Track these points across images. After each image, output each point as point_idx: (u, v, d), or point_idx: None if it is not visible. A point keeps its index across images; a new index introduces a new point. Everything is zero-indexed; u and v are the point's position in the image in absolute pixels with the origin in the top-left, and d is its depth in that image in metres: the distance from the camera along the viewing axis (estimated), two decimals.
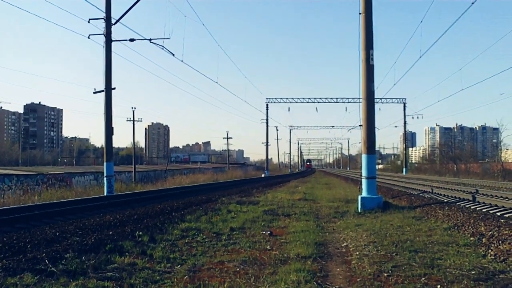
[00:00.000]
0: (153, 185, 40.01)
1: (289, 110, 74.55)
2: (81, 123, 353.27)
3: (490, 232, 8.78)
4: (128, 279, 6.00)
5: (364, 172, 14.89)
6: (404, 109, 71.93)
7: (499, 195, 17.38)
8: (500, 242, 7.84)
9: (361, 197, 14.38)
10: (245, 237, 9.35)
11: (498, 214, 12.15)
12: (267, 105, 70.59)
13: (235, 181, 42.46)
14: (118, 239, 8.74)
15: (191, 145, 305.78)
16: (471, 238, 8.68)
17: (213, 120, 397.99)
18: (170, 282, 5.96)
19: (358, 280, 6.05)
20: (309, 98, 68.48)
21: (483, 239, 8.37)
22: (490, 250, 7.44)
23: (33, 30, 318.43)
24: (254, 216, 12.59)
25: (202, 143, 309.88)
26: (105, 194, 22.83)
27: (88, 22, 23.40)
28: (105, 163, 24.01)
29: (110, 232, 9.58)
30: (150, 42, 24.78)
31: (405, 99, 71.00)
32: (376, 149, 16.21)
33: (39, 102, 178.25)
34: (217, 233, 9.79)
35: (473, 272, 6.14)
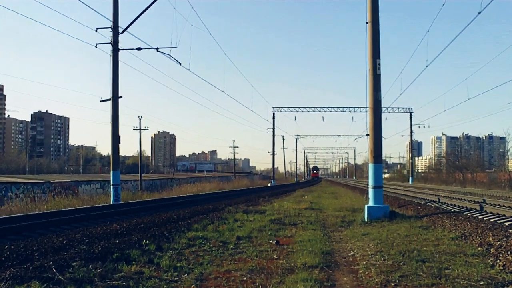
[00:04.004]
0: (159, 193, 40.07)
1: (295, 119, 74.72)
2: (88, 132, 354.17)
3: (499, 242, 8.73)
4: None
5: (370, 181, 14.84)
6: (411, 118, 71.98)
7: (507, 205, 17.28)
8: (509, 252, 7.78)
9: (367, 206, 14.33)
10: (252, 246, 9.34)
11: (506, 224, 12.08)
12: (273, 114, 70.78)
13: (241, 190, 42.43)
14: (125, 247, 8.74)
15: (197, 153, 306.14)
16: (479, 248, 8.63)
17: (219, 129, 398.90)
18: None
19: None
20: (315, 107, 68.64)
21: (491, 249, 8.32)
22: (498, 261, 7.39)
23: (41, 39, 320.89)
24: (260, 225, 12.57)
25: (208, 152, 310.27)
26: (111, 203, 22.85)
27: (96, 31, 23.53)
28: (111, 172, 24.04)
29: (117, 241, 9.59)
30: (157, 51, 24.87)
31: (411, 108, 71.12)
32: (383, 158, 16.17)
33: (46, 111, 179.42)
34: (224, 242, 9.78)
35: (481, 283, 6.10)
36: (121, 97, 24.10)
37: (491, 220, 13.26)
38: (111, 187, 23.93)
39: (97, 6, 22.13)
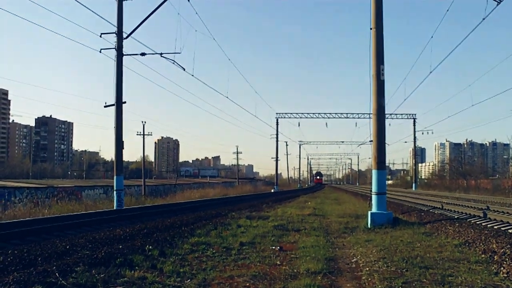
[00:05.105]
0: (162, 199, 40.06)
1: (299, 125, 75.05)
2: (91, 137, 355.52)
3: (502, 250, 8.70)
4: None
5: (374, 188, 14.82)
6: (414, 125, 72.05)
7: (511, 212, 17.22)
8: None
9: (371, 213, 14.30)
10: (255, 252, 9.32)
11: (510, 231, 12.04)
12: (277, 120, 70.84)
13: (244, 196, 42.40)
14: (128, 253, 8.74)
15: (200, 159, 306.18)
16: (483, 255, 8.60)
17: (222, 135, 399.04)
18: None
19: None
20: (319, 113, 68.70)
21: (495, 257, 8.29)
22: (502, 268, 7.36)
23: (46, 44, 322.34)
24: (264, 231, 12.55)
25: (212, 157, 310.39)
26: (114, 208, 22.88)
27: (100, 36, 23.66)
28: (115, 177, 24.10)
29: (120, 246, 9.59)
30: (161, 56, 24.99)
31: (415, 114, 71.30)
32: (386, 164, 16.17)
33: (50, 116, 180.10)
34: (227, 248, 9.77)
35: None
36: (125, 102, 24.20)
37: (495, 227, 13.22)
38: (115, 192, 24.00)
39: (102, 12, 22.33)
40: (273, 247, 9.87)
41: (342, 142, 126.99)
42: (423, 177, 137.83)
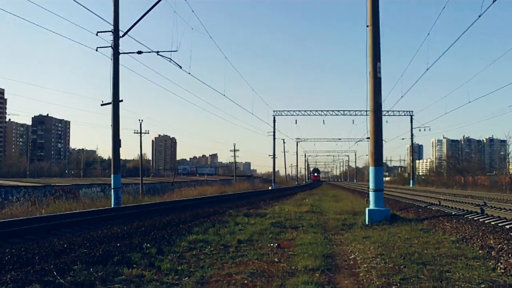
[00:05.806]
0: (160, 197, 40.02)
1: (296, 122, 74.89)
2: (89, 135, 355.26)
3: (500, 245, 8.72)
4: None
5: (371, 185, 14.84)
6: (411, 122, 72.15)
7: (508, 208, 17.26)
8: (510, 255, 7.77)
9: (368, 210, 14.32)
10: (253, 249, 9.32)
11: (507, 227, 12.06)
12: (274, 117, 70.84)
13: (242, 194, 42.39)
14: (126, 251, 8.74)
15: (198, 157, 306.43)
16: (480, 251, 8.62)
17: (220, 133, 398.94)
18: None
19: None
20: (316, 111, 68.86)
21: (493, 252, 8.31)
22: (499, 264, 7.39)
23: (42, 43, 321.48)
24: (261, 229, 12.56)
25: (209, 155, 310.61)
26: (112, 206, 22.86)
27: (96, 34, 23.58)
28: (112, 175, 24.06)
29: (118, 244, 9.59)
30: (158, 54, 24.91)
31: (412, 111, 71.26)
32: (383, 161, 16.19)
33: (47, 114, 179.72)
34: (225, 245, 9.77)
35: (482, 286, 6.09)
36: (121, 100, 24.16)
37: (492, 223, 13.24)
38: (112, 190, 23.95)
39: (98, 10, 22.30)
40: (271, 245, 9.87)
41: (339, 139, 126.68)
42: (420, 173, 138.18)
